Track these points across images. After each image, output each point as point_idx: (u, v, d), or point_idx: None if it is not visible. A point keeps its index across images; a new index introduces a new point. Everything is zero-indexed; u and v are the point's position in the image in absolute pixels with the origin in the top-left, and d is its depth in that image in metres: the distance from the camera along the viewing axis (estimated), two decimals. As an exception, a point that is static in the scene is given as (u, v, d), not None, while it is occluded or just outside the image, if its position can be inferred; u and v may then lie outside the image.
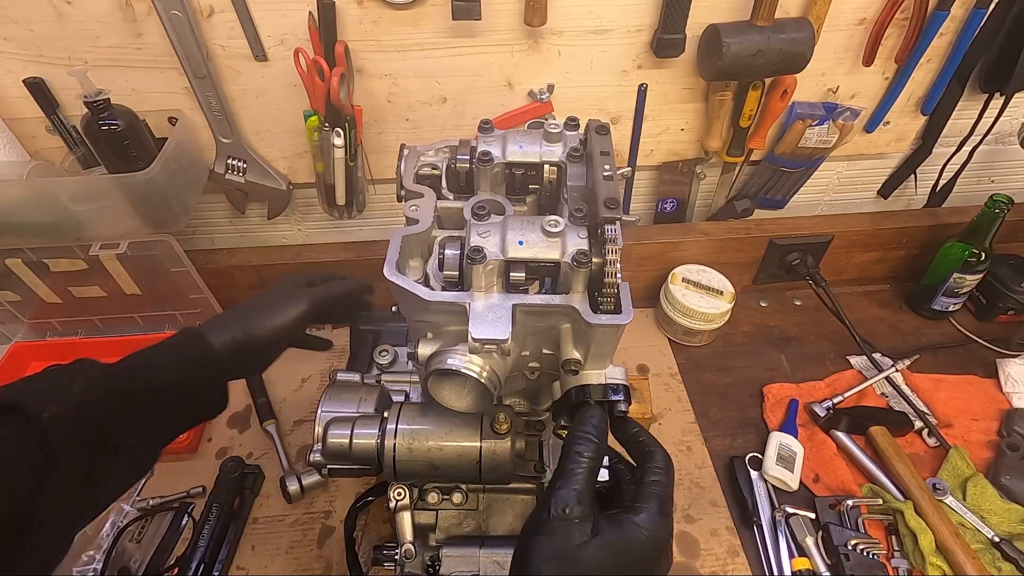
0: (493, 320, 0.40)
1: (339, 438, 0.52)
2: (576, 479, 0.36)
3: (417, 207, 0.46)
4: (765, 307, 1.01)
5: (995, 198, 0.84)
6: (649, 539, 0.34)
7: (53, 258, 0.81)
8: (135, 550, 0.70)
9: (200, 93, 0.76)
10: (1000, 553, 0.67)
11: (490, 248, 0.40)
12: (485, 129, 0.49)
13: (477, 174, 0.48)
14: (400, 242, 0.43)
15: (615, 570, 0.33)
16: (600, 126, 0.49)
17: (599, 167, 0.45)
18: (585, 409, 0.41)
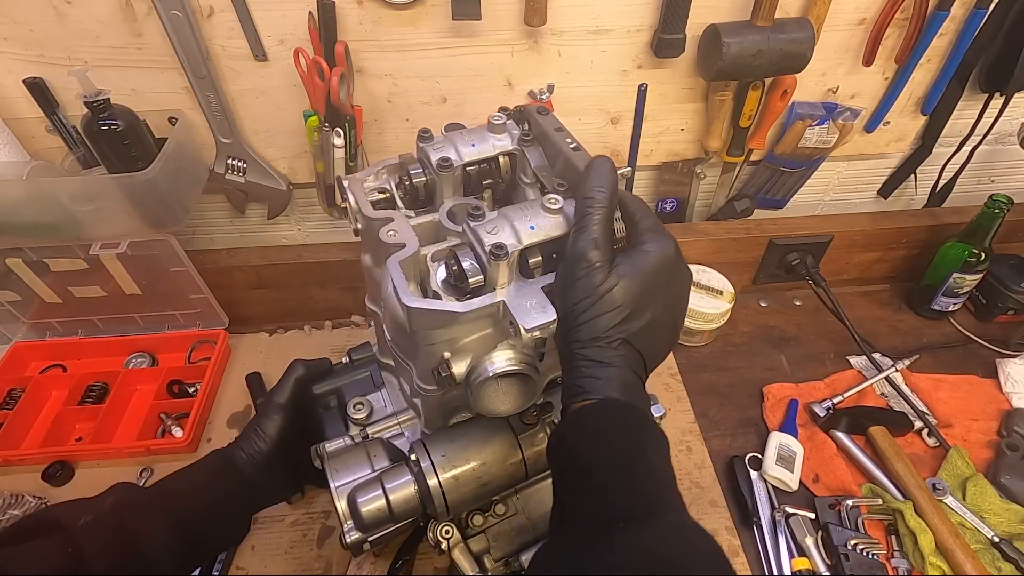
0: (536, 307, 0.40)
1: (373, 502, 0.48)
2: (592, 228, 0.38)
3: (395, 231, 0.43)
4: (765, 307, 1.01)
5: (995, 198, 0.84)
6: (660, 257, 0.38)
7: (53, 258, 0.81)
8: (135, 550, 0.69)
9: (200, 93, 0.76)
10: (1000, 553, 0.67)
11: (508, 241, 0.40)
12: (426, 138, 0.47)
13: (439, 181, 0.47)
14: (399, 269, 0.41)
15: (641, 291, 0.37)
16: (539, 108, 0.50)
17: (561, 142, 0.47)
18: (593, 161, 0.41)
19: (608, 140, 0.89)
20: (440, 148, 0.47)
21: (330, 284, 0.93)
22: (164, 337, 0.92)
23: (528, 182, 0.48)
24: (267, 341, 0.95)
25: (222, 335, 0.91)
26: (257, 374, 0.88)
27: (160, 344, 0.92)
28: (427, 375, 0.45)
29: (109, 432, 0.81)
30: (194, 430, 0.78)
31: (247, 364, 0.90)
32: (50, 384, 0.87)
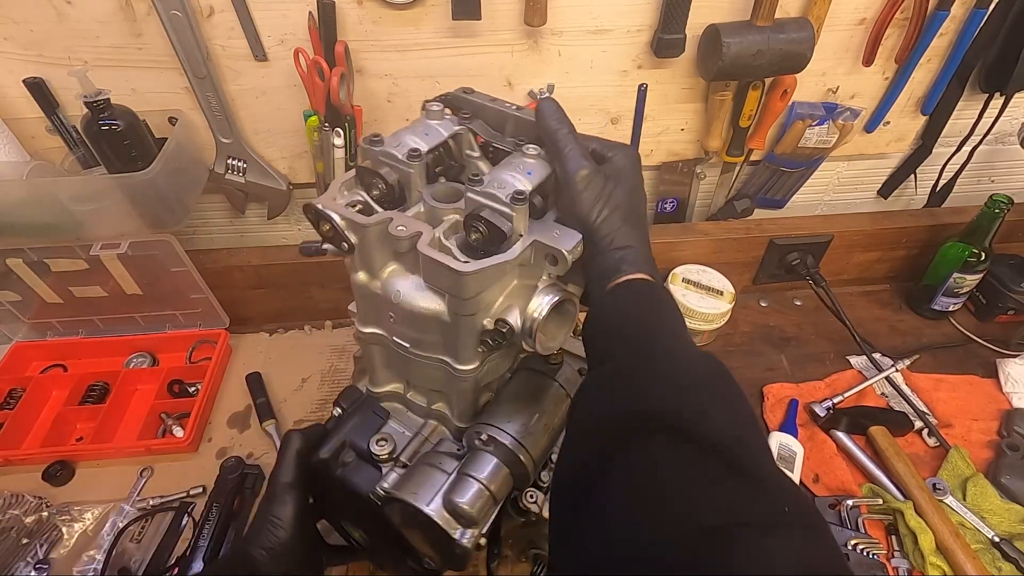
0: (560, 234, 0.43)
1: (473, 495, 0.47)
2: (571, 150, 0.44)
3: (403, 225, 0.43)
4: (765, 307, 1.01)
5: (995, 198, 0.84)
6: (632, 158, 0.46)
7: (54, 258, 0.81)
8: (135, 550, 0.70)
9: (200, 93, 0.76)
10: (1000, 553, 0.67)
11: (520, 186, 0.43)
12: (376, 141, 0.46)
13: (413, 174, 0.46)
14: (434, 249, 0.42)
15: (631, 185, 0.45)
16: (463, 89, 0.51)
17: (503, 108, 0.49)
18: (540, 104, 0.46)
19: (608, 140, 0.89)
20: (399, 145, 0.46)
21: (330, 284, 0.93)
22: (165, 337, 0.92)
23: (476, 156, 0.50)
24: (267, 341, 0.95)
25: (222, 335, 0.91)
26: (257, 374, 0.88)
27: (161, 344, 0.92)
28: (470, 352, 0.47)
29: (110, 432, 0.81)
30: (195, 430, 0.78)
31: (247, 364, 0.90)
32: (51, 384, 0.87)
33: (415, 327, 0.47)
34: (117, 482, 0.76)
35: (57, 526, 0.71)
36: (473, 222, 0.42)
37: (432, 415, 0.57)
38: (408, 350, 0.49)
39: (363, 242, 0.44)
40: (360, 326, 0.51)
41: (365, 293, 0.47)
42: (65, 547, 0.70)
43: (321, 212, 0.43)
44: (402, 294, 0.45)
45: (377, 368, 0.55)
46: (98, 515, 0.72)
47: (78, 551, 0.69)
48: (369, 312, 0.49)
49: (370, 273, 0.46)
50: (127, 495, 0.74)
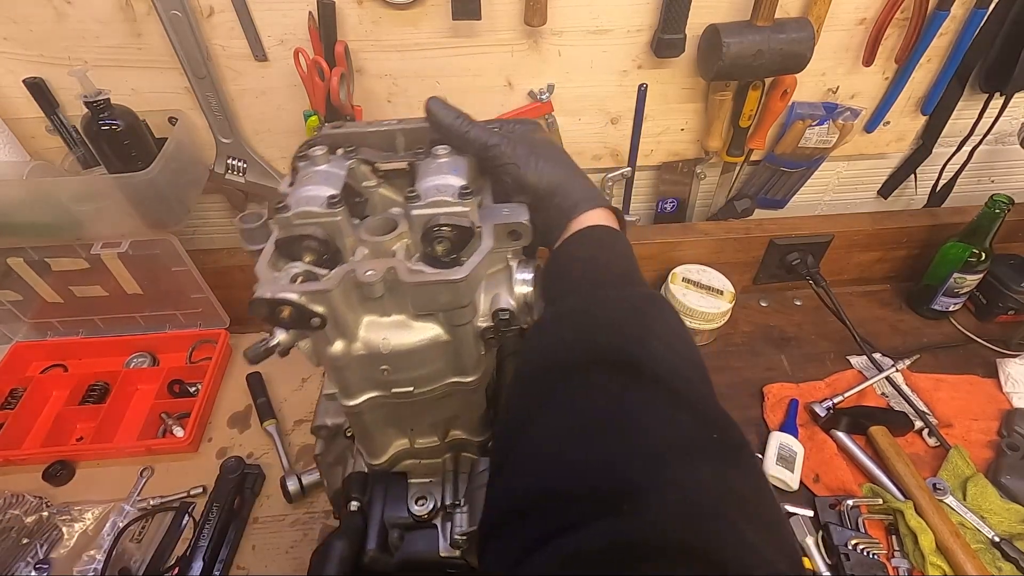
0: (507, 211, 0.44)
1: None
2: (475, 129, 0.45)
3: (372, 269, 0.40)
4: (765, 307, 1.01)
5: (995, 198, 0.84)
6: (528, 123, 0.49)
7: (54, 257, 0.81)
8: (135, 550, 0.70)
9: (200, 93, 0.76)
10: (1000, 553, 0.67)
11: (460, 183, 0.43)
12: (283, 207, 0.41)
13: (340, 223, 0.42)
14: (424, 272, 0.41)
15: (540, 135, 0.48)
16: (332, 125, 0.49)
17: (382, 127, 0.48)
18: (427, 104, 0.46)
19: (608, 140, 0.89)
20: (311, 200, 0.41)
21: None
22: (165, 337, 0.92)
23: (375, 184, 0.47)
24: (267, 341, 0.95)
25: (223, 335, 0.91)
26: (258, 374, 0.88)
27: (161, 344, 0.92)
28: (476, 359, 0.46)
29: (110, 432, 0.81)
30: (195, 430, 0.78)
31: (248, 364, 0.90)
32: (51, 384, 0.87)
33: (415, 365, 0.45)
34: (117, 482, 0.76)
35: (57, 526, 0.71)
36: (435, 233, 0.40)
37: (448, 447, 0.55)
38: (412, 394, 0.47)
39: (331, 308, 0.40)
40: (348, 401, 0.47)
41: (347, 363, 0.44)
42: (65, 547, 0.70)
43: (276, 299, 0.38)
44: (391, 340, 0.43)
45: (374, 438, 0.52)
46: (98, 515, 0.72)
47: (78, 551, 0.69)
48: (356, 381, 0.46)
49: (347, 338, 0.43)
50: (127, 495, 0.74)
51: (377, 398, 0.47)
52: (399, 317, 0.43)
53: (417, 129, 0.47)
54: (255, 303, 0.39)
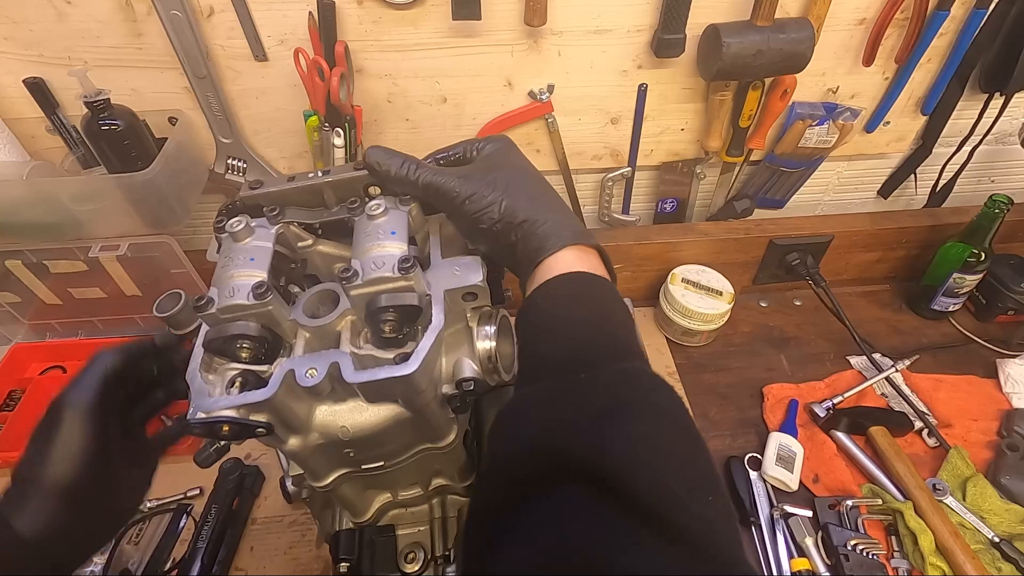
0: (461, 267, 0.41)
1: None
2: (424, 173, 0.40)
3: (314, 369, 0.37)
4: (765, 307, 1.01)
5: (995, 198, 0.84)
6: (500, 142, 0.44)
7: (53, 259, 0.81)
8: (134, 552, 0.69)
9: (200, 93, 0.76)
10: (1000, 553, 0.67)
11: (398, 252, 0.39)
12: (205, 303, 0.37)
13: (271, 312, 0.38)
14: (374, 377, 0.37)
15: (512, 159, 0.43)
16: (248, 186, 0.44)
17: (306, 181, 0.43)
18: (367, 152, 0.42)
19: (608, 140, 0.89)
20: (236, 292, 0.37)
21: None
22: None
23: (310, 244, 0.44)
24: (267, 341, 0.95)
25: (222, 335, 0.90)
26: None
27: (160, 344, 0.92)
28: (447, 425, 0.43)
29: (109, 432, 0.80)
30: (194, 430, 0.78)
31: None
32: (50, 385, 0.87)
33: (381, 443, 0.42)
34: None
35: (56, 527, 0.71)
36: (378, 316, 0.37)
37: (434, 494, 0.53)
38: (384, 467, 0.45)
39: (275, 411, 0.37)
40: (318, 483, 0.44)
41: (308, 454, 0.41)
42: (64, 548, 0.69)
43: (210, 420, 0.35)
44: (350, 428, 0.40)
45: (354, 502, 0.50)
46: (97, 516, 0.72)
47: (77, 552, 0.69)
48: (321, 466, 0.43)
49: (301, 434, 0.40)
50: (127, 496, 0.74)
51: (348, 476, 0.45)
52: (354, 402, 0.40)
53: (346, 180, 0.43)
54: (191, 426, 0.35)
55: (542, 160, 0.90)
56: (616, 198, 0.96)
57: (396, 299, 0.37)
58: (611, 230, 0.96)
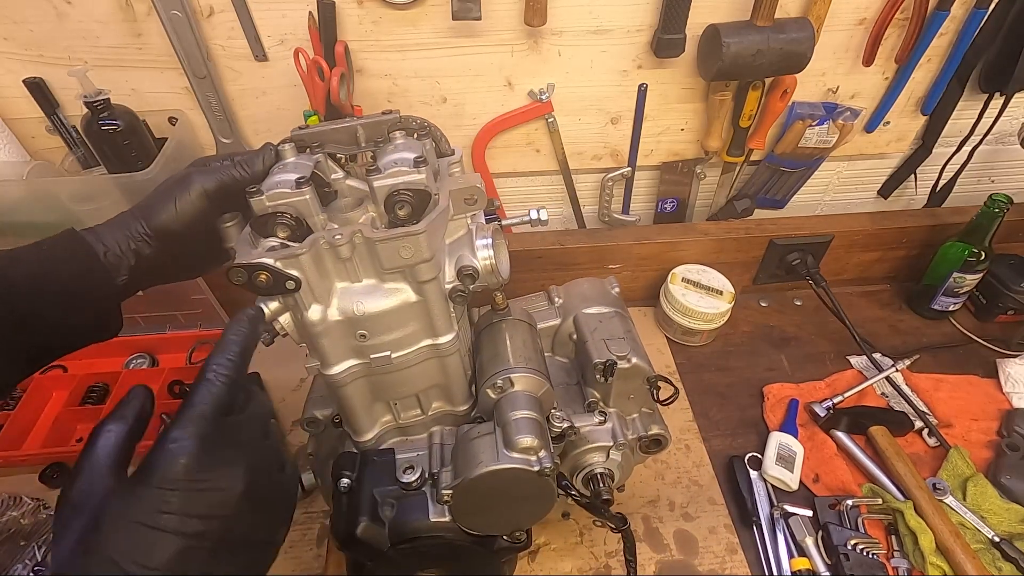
0: (464, 177, 0.48)
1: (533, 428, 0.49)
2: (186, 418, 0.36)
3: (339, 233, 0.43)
4: (765, 307, 1.01)
5: (995, 198, 0.84)
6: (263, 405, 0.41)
7: (53, 258, 0.81)
8: (135, 550, 0.69)
9: (200, 93, 0.76)
10: (1000, 553, 0.67)
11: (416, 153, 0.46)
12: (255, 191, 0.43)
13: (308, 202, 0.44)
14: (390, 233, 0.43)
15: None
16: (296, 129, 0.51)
17: (343, 124, 0.50)
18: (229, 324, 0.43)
19: (608, 140, 0.89)
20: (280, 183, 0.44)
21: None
22: (165, 338, 0.92)
23: (342, 176, 0.50)
24: (267, 341, 0.95)
25: (222, 335, 0.90)
26: (256, 374, 0.88)
27: (161, 345, 0.92)
28: (447, 318, 0.49)
29: (109, 432, 0.80)
30: (194, 430, 0.78)
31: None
32: (51, 385, 0.87)
33: (389, 327, 0.47)
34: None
35: (56, 527, 0.71)
36: (397, 198, 0.44)
37: (434, 421, 0.57)
38: (390, 358, 0.48)
39: (304, 272, 0.42)
40: (330, 370, 0.48)
41: (325, 328, 0.46)
42: (65, 547, 0.69)
43: (252, 264, 0.41)
44: (364, 303, 0.45)
45: (359, 412, 0.53)
46: (98, 515, 0.72)
47: (78, 551, 0.69)
48: (336, 348, 0.47)
49: (322, 302, 0.45)
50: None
51: (357, 367, 0.49)
52: (369, 282, 0.46)
53: (375, 122, 0.51)
54: (234, 270, 0.41)
55: (542, 160, 0.90)
56: (616, 198, 0.96)
57: (411, 184, 0.44)
58: (611, 230, 0.96)
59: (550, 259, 0.92)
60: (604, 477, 0.59)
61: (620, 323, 0.62)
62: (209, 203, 0.45)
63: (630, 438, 0.60)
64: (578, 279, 0.68)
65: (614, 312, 0.63)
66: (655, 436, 0.61)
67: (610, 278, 0.68)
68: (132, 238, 0.44)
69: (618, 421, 0.60)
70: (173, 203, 0.45)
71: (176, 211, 0.45)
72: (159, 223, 0.44)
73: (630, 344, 0.58)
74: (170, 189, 0.45)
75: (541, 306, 0.66)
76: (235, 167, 0.46)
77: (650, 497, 0.74)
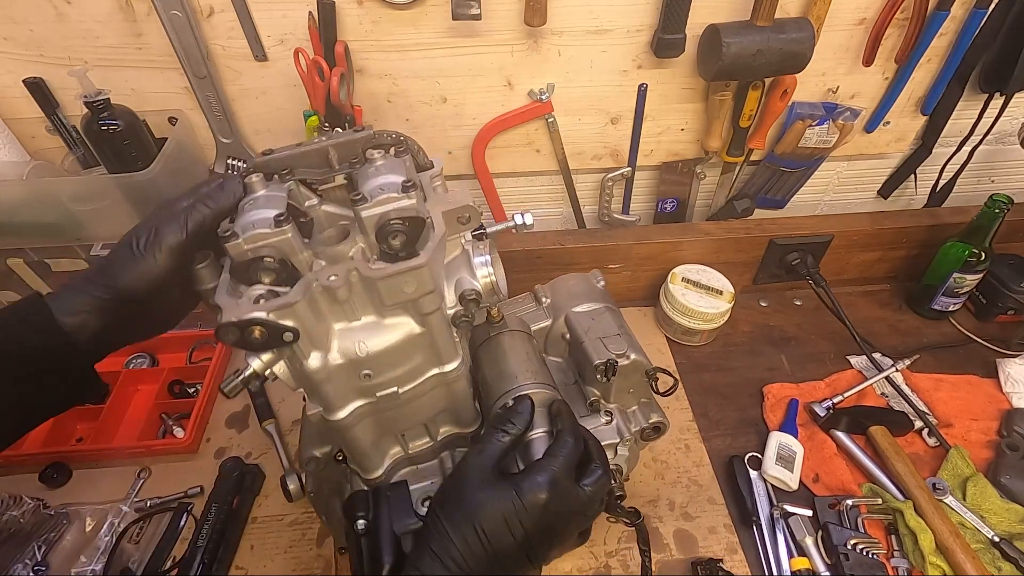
0: (454, 195, 0.46)
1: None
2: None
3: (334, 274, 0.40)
4: (765, 307, 1.01)
5: (995, 198, 0.84)
6: (525, 501, 0.42)
7: (54, 258, 0.81)
8: (134, 551, 0.70)
9: (200, 93, 0.76)
10: (1000, 553, 0.67)
11: (401, 178, 0.43)
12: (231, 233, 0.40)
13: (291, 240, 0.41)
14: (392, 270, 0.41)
15: (498, 521, 0.41)
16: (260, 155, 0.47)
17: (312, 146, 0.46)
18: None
19: (608, 140, 0.89)
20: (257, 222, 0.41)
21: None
22: (164, 337, 0.90)
23: (317, 202, 0.47)
24: (267, 341, 0.95)
25: (222, 335, 0.90)
26: (257, 374, 0.88)
27: (160, 344, 0.92)
28: (452, 345, 0.47)
29: (110, 433, 0.80)
30: (195, 430, 0.78)
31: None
32: (50, 384, 0.87)
33: (394, 363, 0.45)
34: (115, 483, 0.76)
35: (55, 527, 0.71)
36: (390, 228, 0.41)
37: (442, 446, 0.55)
38: (398, 394, 0.47)
39: (300, 320, 0.39)
40: (335, 415, 0.46)
41: (327, 375, 0.43)
42: (63, 548, 0.69)
43: (244, 321, 0.37)
44: (367, 342, 0.43)
45: (367, 450, 0.51)
46: (96, 516, 0.72)
47: (76, 552, 0.69)
48: (339, 394, 0.45)
49: (321, 348, 0.42)
50: (125, 496, 0.74)
51: (364, 407, 0.46)
52: (369, 319, 0.43)
53: (347, 141, 0.46)
54: (223, 329, 0.37)
55: (542, 160, 0.90)
56: (616, 198, 0.96)
57: (403, 211, 0.41)
58: (611, 230, 0.96)
59: (550, 259, 0.92)
60: (615, 474, 0.58)
61: (612, 319, 0.62)
62: (179, 257, 0.42)
63: (633, 431, 0.60)
64: (564, 275, 0.68)
65: (604, 308, 0.63)
66: (655, 424, 0.62)
67: (594, 271, 0.68)
68: (94, 304, 0.41)
69: (620, 416, 0.60)
70: (138, 264, 0.41)
71: (142, 273, 0.41)
72: (124, 286, 0.41)
73: (626, 340, 0.58)
74: (134, 248, 0.41)
75: (530, 307, 0.65)
76: (202, 204, 0.42)
77: (650, 497, 0.74)
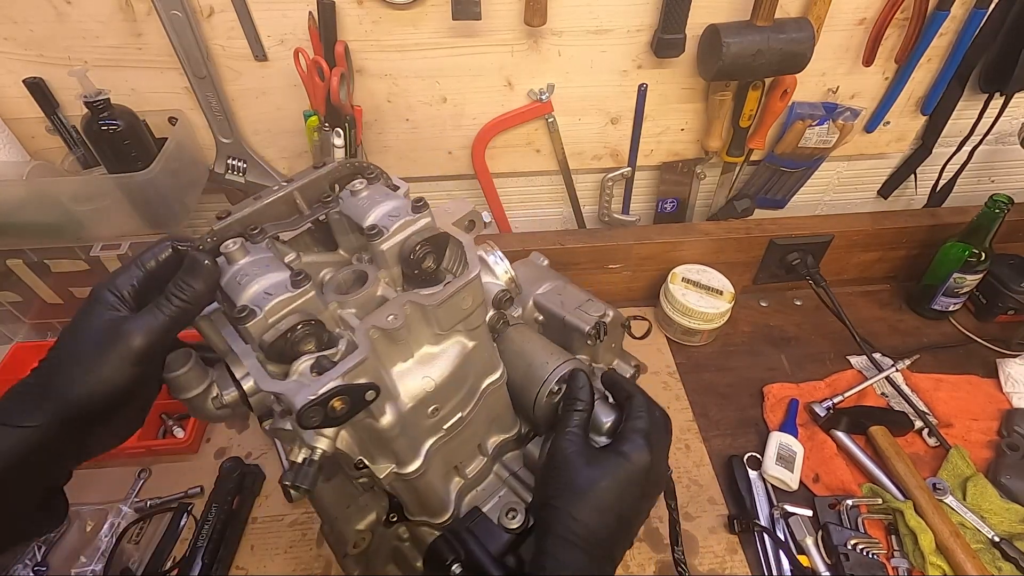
0: (454, 206, 0.46)
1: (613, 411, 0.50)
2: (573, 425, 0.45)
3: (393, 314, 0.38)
4: (765, 307, 1.01)
5: (995, 198, 0.84)
6: (633, 465, 0.43)
7: (54, 259, 0.81)
8: (134, 551, 0.70)
9: (200, 93, 0.76)
10: (1000, 553, 0.67)
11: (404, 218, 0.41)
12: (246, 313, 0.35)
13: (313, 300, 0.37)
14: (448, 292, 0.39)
15: (615, 491, 0.42)
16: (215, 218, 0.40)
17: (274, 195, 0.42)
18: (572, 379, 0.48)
19: (608, 140, 0.89)
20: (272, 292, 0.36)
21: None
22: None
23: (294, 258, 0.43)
24: (267, 341, 0.95)
25: (222, 335, 0.90)
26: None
27: (160, 344, 0.92)
28: (495, 355, 0.48)
29: (109, 432, 0.80)
30: (195, 430, 0.78)
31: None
32: (50, 384, 0.87)
33: (457, 387, 0.44)
34: (115, 483, 0.76)
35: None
36: (417, 252, 0.39)
37: (492, 460, 0.54)
38: (463, 419, 0.45)
39: (370, 375, 0.37)
40: (410, 467, 0.43)
41: (401, 427, 0.41)
42: (63, 549, 0.70)
43: (324, 395, 0.33)
44: (431, 375, 0.41)
45: (440, 491, 0.49)
46: (96, 516, 0.72)
47: (76, 552, 0.69)
48: (412, 440, 0.43)
49: (392, 398, 0.40)
50: (125, 496, 0.74)
51: (433, 445, 0.45)
52: (421, 351, 0.41)
53: (311, 182, 0.43)
54: (306, 414, 0.32)
55: (542, 160, 0.90)
56: (616, 198, 0.96)
57: (425, 232, 0.40)
58: (611, 230, 0.96)
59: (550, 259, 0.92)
60: None
61: (575, 289, 0.63)
62: (144, 366, 0.35)
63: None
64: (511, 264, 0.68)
65: (563, 283, 0.63)
66: (636, 366, 0.64)
67: (534, 253, 0.69)
68: (34, 427, 0.32)
69: None
70: (93, 379, 0.33)
71: (96, 389, 0.33)
72: (74, 402, 0.33)
73: (597, 300, 0.60)
74: (89, 355, 0.34)
75: None
76: (174, 298, 0.35)
77: (650, 497, 0.74)
